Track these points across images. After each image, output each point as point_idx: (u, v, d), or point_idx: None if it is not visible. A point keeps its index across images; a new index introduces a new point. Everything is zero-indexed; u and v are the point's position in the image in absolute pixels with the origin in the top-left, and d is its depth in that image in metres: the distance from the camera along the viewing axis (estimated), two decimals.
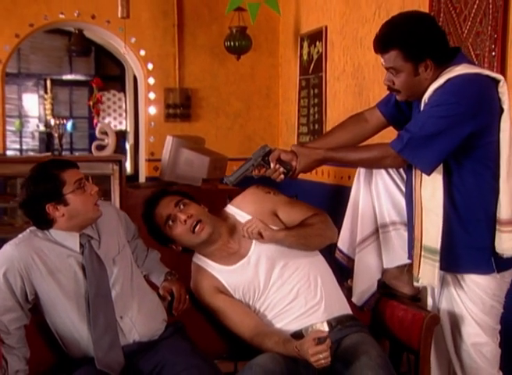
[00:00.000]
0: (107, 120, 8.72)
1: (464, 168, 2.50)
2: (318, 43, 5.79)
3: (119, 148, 8.51)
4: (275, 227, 2.70)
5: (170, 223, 2.69)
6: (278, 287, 2.69)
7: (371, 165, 2.68)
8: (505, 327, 2.68)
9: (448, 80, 2.43)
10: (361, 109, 5.00)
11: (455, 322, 2.60)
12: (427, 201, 2.54)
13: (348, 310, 2.76)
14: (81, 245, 2.52)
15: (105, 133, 5.07)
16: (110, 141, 5.01)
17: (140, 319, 2.55)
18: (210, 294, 2.73)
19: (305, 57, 6.09)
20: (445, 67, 2.50)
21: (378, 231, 2.81)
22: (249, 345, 2.61)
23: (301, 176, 6.69)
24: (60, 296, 2.47)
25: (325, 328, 2.62)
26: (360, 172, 2.84)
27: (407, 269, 2.76)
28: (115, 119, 8.80)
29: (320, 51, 5.75)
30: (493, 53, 3.60)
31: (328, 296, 2.71)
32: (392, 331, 2.74)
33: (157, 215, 2.72)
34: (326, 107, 5.68)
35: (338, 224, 2.91)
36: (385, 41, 2.51)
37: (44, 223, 2.50)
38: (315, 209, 2.83)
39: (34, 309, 2.54)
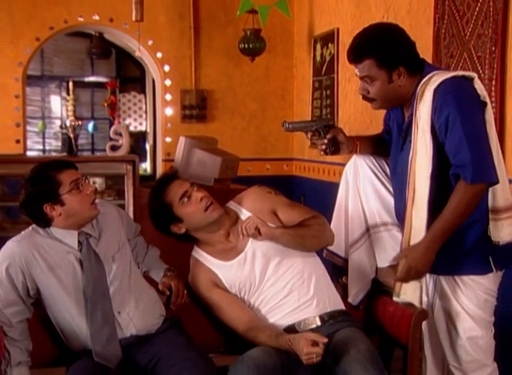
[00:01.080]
0: (127, 121, 8.85)
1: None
2: (330, 45, 5.87)
3: (140, 149, 8.66)
4: (273, 225, 2.78)
5: (185, 199, 2.75)
6: (272, 283, 2.77)
7: (467, 210, 2.51)
8: (499, 319, 2.75)
9: (435, 92, 2.49)
10: (370, 110, 5.11)
11: (450, 318, 2.67)
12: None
13: (341, 306, 2.83)
14: (80, 243, 2.62)
15: (120, 134, 5.19)
16: (124, 142, 5.13)
17: (137, 314, 2.65)
18: (207, 287, 2.81)
19: (318, 58, 6.17)
20: (418, 77, 2.59)
21: (368, 232, 2.89)
22: (243, 339, 2.70)
23: (310, 175, 6.73)
24: (60, 291, 2.58)
25: (318, 322, 2.72)
26: (347, 174, 2.92)
27: None
28: (135, 121, 8.93)
29: (332, 52, 5.82)
30: (493, 55, 3.65)
31: (321, 292, 2.78)
32: (384, 327, 2.81)
33: (171, 191, 2.76)
34: (338, 108, 5.75)
35: None
36: (359, 50, 2.60)
37: (43, 221, 2.61)
38: (314, 212, 2.90)
39: (37, 303, 2.65)
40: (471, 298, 2.60)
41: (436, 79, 2.52)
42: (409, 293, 2.65)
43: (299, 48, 6.72)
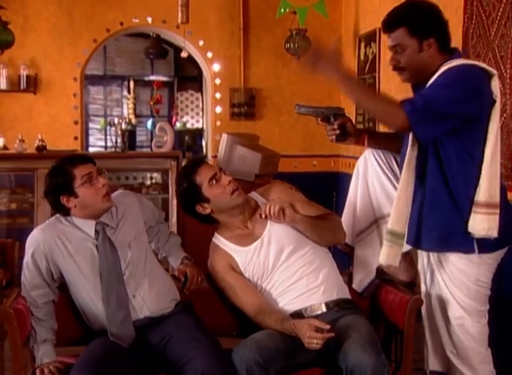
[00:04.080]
0: (185, 119, 9.15)
1: (450, 154, 2.68)
2: (372, 44, 5.99)
3: (196, 145, 8.94)
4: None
5: (214, 182, 2.93)
6: (283, 269, 2.94)
7: (375, 112, 2.86)
8: (494, 306, 2.86)
9: (447, 70, 2.63)
10: None
11: (443, 306, 2.80)
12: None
13: (347, 295, 2.98)
14: (96, 232, 2.85)
15: (164, 131, 5.44)
16: (168, 139, 5.38)
17: (150, 297, 2.86)
18: (224, 271, 3.00)
19: (362, 57, 6.30)
20: (445, 57, 2.71)
21: (376, 222, 3.04)
22: (252, 322, 2.88)
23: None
24: (80, 276, 2.82)
25: (323, 309, 2.89)
26: (359, 166, 3.09)
27: (404, 257, 2.97)
28: (192, 118, 9.23)
29: (374, 52, 5.94)
30: None
31: (329, 282, 2.94)
32: (384, 314, 2.96)
33: (202, 173, 2.93)
34: None
35: None
36: (392, 20, 2.77)
37: (62, 211, 2.86)
38: (330, 211, 3.08)
39: (63, 287, 2.90)
40: (460, 289, 2.72)
41: (456, 61, 2.66)
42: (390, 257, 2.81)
43: (346, 47, 6.84)
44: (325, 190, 6.24)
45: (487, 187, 2.64)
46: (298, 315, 2.87)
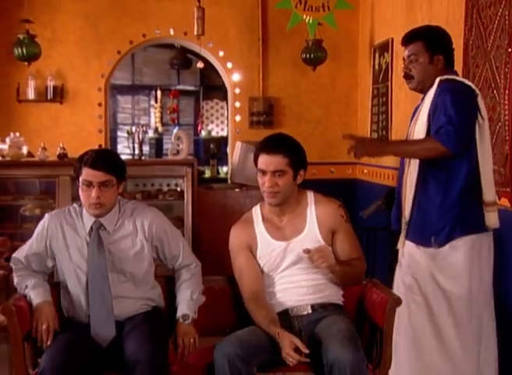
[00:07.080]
0: (210, 127, 9.36)
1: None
2: (386, 54, 6.13)
3: (221, 153, 9.15)
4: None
5: (261, 174, 3.09)
6: (289, 276, 3.10)
7: (421, 157, 3.26)
8: None
9: (440, 82, 3.25)
10: None
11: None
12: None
13: (337, 301, 3.13)
14: (91, 229, 3.00)
15: (180, 139, 5.64)
16: (184, 146, 5.58)
17: (129, 309, 3.04)
18: (241, 247, 3.16)
19: (377, 67, 6.43)
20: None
21: None
22: (246, 312, 3.04)
23: (371, 179, 7.04)
24: (70, 266, 3.00)
25: (309, 310, 3.04)
26: None
27: None
28: (217, 126, 9.43)
29: (387, 61, 6.08)
30: (508, 66, 3.83)
31: (326, 295, 3.10)
32: (368, 314, 3.10)
33: (260, 160, 3.11)
34: (392, 114, 6.00)
35: None
36: (412, 35, 3.45)
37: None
38: (361, 254, 3.21)
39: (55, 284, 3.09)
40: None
41: (447, 77, 3.22)
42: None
43: (362, 57, 7.00)
44: (342, 196, 6.38)
45: (489, 188, 3.18)
46: (285, 313, 3.03)
